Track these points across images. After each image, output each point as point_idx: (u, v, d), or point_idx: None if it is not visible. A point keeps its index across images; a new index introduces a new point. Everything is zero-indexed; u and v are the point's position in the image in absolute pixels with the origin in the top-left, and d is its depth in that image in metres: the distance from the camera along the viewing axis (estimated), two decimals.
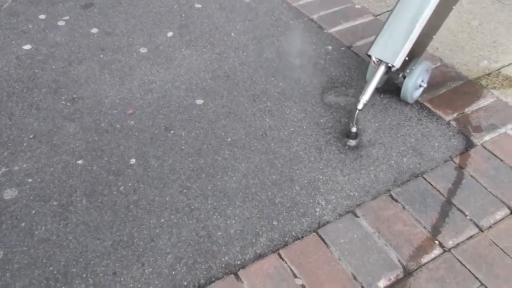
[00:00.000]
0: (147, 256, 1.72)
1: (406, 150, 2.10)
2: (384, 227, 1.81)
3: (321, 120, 2.23)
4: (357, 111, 2.08)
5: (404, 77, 2.20)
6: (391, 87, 2.39)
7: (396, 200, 1.90)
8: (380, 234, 1.79)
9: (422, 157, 2.07)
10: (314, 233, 1.79)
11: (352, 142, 2.12)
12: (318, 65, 2.52)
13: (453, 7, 2.22)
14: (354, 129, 2.11)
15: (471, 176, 1.99)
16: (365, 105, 2.08)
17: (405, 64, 2.10)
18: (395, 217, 1.84)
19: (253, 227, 1.81)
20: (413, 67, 2.19)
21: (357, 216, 1.85)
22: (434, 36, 2.26)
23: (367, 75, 2.30)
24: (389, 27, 2.08)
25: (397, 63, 2.04)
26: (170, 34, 2.74)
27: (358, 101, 2.08)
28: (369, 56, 2.11)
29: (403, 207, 1.88)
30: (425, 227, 1.81)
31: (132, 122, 2.21)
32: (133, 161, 2.04)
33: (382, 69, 2.08)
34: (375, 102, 2.31)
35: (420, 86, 2.26)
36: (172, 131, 2.17)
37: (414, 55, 2.13)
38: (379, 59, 2.08)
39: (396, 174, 2.01)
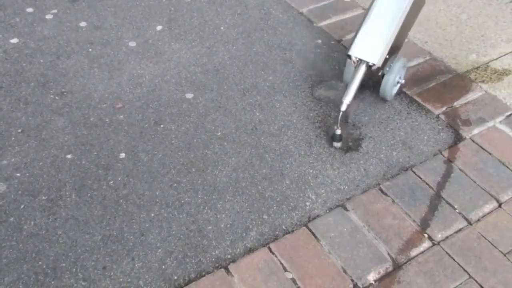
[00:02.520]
0: (137, 251, 1.71)
1: (395, 144, 2.11)
2: (374, 221, 1.82)
3: (311, 114, 2.23)
4: (341, 112, 2.05)
5: (383, 75, 2.20)
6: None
7: (385, 194, 1.91)
8: (369, 228, 1.80)
9: (411, 150, 2.08)
10: (304, 227, 1.80)
11: (337, 145, 2.09)
12: (308, 59, 2.52)
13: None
14: (338, 131, 2.06)
15: (460, 169, 2.00)
16: (348, 106, 2.06)
17: (385, 62, 2.09)
18: (385, 211, 1.85)
19: (243, 221, 1.81)
20: (391, 64, 2.19)
21: (347, 210, 1.86)
22: (408, 32, 2.27)
23: (344, 75, 2.28)
24: (368, 26, 2.06)
25: (379, 62, 2.03)
26: (159, 27, 2.73)
27: (341, 102, 2.05)
28: (349, 57, 2.09)
29: (393, 201, 1.89)
30: (414, 221, 1.82)
31: (122, 116, 2.19)
32: (122, 155, 2.03)
33: (363, 69, 2.06)
34: (365, 97, 2.32)
35: (398, 82, 2.26)
36: (162, 125, 2.16)
37: (392, 52, 2.13)
38: (360, 59, 2.06)
39: (386, 168, 2.01)
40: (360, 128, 2.17)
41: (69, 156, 2.01)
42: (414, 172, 1.99)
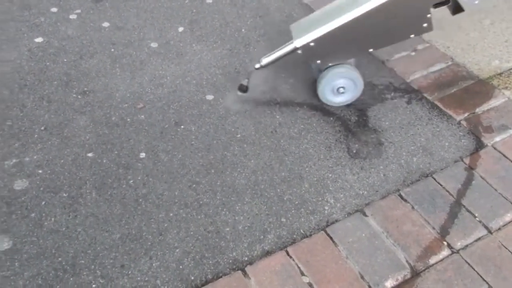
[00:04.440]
0: (155, 250, 1.72)
1: (416, 150, 2.09)
2: (393, 227, 1.80)
3: (331, 118, 2.23)
4: (254, 69, 2.20)
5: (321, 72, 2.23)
6: (401, 85, 2.39)
7: (405, 200, 1.90)
8: (388, 234, 1.78)
9: (432, 157, 2.06)
10: (322, 231, 1.79)
11: (240, 94, 2.29)
12: None
13: (412, 36, 2.07)
14: (245, 82, 2.26)
15: (481, 177, 1.98)
16: (261, 67, 2.18)
17: (314, 55, 2.11)
18: (404, 217, 1.84)
19: (262, 223, 1.81)
20: (331, 65, 2.18)
21: (365, 215, 1.85)
22: (371, 50, 2.15)
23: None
24: (316, 13, 2.17)
25: (298, 43, 2.07)
26: (181, 29, 2.74)
27: (258, 61, 2.18)
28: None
29: (412, 207, 1.87)
30: (433, 228, 1.81)
31: (143, 116, 2.21)
32: (143, 155, 2.04)
33: (290, 46, 2.10)
34: (386, 101, 2.31)
35: (340, 92, 2.22)
36: (182, 126, 2.17)
37: (335, 54, 2.12)
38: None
39: (406, 174, 2.00)
40: (380, 133, 2.16)
41: (90, 155, 2.04)
42: (435, 179, 1.97)
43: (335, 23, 2.01)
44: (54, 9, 2.84)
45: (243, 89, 2.28)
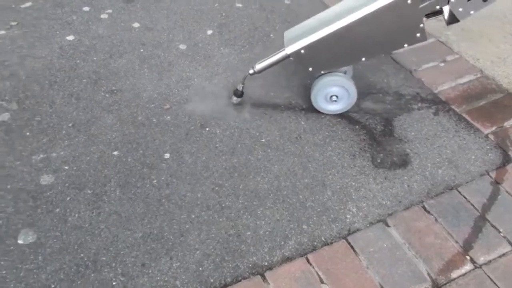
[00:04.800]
0: (175, 251, 1.73)
1: (441, 162, 2.07)
2: (415, 239, 1.79)
3: (356, 126, 2.22)
4: (247, 75, 2.21)
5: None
6: (429, 96, 2.37)
7: (428, 212, 1.88)
8: (410, 246, 1.77)
9: (457, 169, 2.04)
10: (344, 240, 1.78)
11: (235, 100, 2.28)
12: (356, 71, 2.50)
13: (406, 45, 2.03)
14: (239, 87, 2.25)
15: (507, 192, 1.95)
16: (255, 73, 2.20)
17: (305, 62, 2.11)
18: (427, 229, 1.82)
19: (283, 229, 1.81)
20: (323, 73, 2.17)
21: (388, 226, 1.83)
22: (364, 59, 2.08)
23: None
24: (309, 20, 2.19)
25: (288, 50, 2.09)
26: (209, 32, 2.76)
27: (252, 66, 2.21)
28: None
29: (436, 220, 1.85)
30: (457, 241, 1.78)
31: (169, 117, 2.23)
32: (167, 155, 2.06)
33: (282, 53, 2.12)
34: (412, 111, 2.29)
35: (333, 100, 2.21)
36: (207, 128, 2.18)
37: (326, 61, 2.11)
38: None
39: (430, 186, 1.98)
40: (405, 143, 2.14)
41: (115, 153, 2.06)
42: (459, 192, 1.95)
43: (325, 31, 2.01)
44: (86, 8, 2.89)
45: (238, 94, 2.28)
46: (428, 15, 1.98)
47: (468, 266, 1.71)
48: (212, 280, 1.66)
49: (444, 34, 2.78)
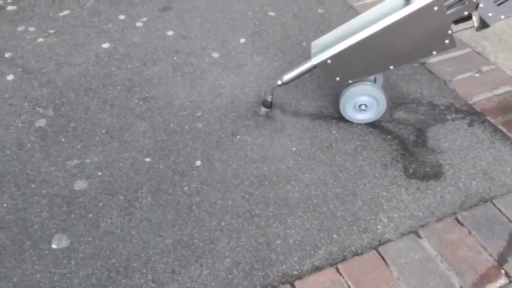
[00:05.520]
0: (205, 258, 1.74)
1: (475, 173, 2.03)
2: (448, 251, 1.76)
3: (389, 136, 2.20)
4: (276, 86, 2.23)
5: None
6: (463, 107, 2.33)
7: (462, 224, 1.85)
8: (443, 258, 1.74)
9: (492, 181, 2.00)
10: (374, 250, 1.76)
11: (263, 111, 2.31)
12: (389, 80, 2.49)
13: (434, 52, 1.99)
14: (268, 98, 2.28)
15: None
16: (283, 84, 2.22)
17: (332, 72, 2.09)
18: (460, 242, 1.79)
19: (313, 238, 1.80)
20: (351, 82, 2.15)
21: (420, 237, 1.81)
22: (391, 67, 2.06)
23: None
24: (336, 30, 2.18)
25: (315, 60, 2.08)
26: (242, 40, 2.78)
27: (280, 77, 2.22)
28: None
29: (469, 232, 1.82)
30: (491, 255, 1.75)
31: (200, 124, 2.25)
32: (198, 163, 2.07)
33: (309, 64, 2.12)
34: (446, 122, 2.26)
35: (362, 109, 2.20)
36: (238, 136, 2.19)
37: (353, 71, 2.09)
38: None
39: (464, 197, 1.94)
40: (439, 154, 2.11)
41: (147, 160, 2.08)
42: (494, 204, 1.91)
43: (351, 40, 1.99)
44: (122, 17, 2.94)
45: (267, 105, 2.30)
46: (456, 21, 1.95)
47: (502, 280, 1.67)
48: None
49: (481, 44, 2.74)
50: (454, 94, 2.42)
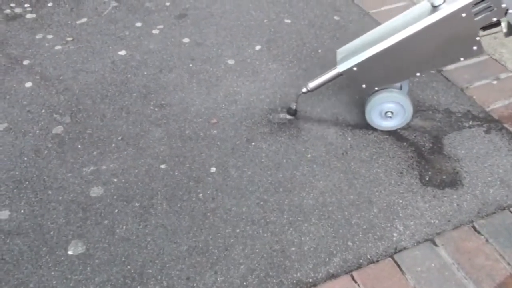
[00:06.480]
0: (220, 265, 1.74)
1: (493, 181, 2.01)
2: (465, 259, 1.74)
3: (404, 143, 2.18)
4: (301, 93, 2.23)
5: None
6: (480, 114, 2.31)
7: (479, 232, 1.83)
8: (459, 266, 1.72)
9: (510, 189, 1.98)
10: (390, 258, 1.75)
11: (288, 117, 2.32)
12: None
13: (462, 59, 1.98)
14: (293, 106, 2.29)
15: None
16: (308, 91, 2.22)
17: (358, 80, 2.09)
18: (477, 250, 1.77)
19: (328, 245, 1.80)
20: (377, 89, 2.14)
21: (436, 245, 1.79)
22: (418, 74, 2.06)
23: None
24: (361, 37, 2.17)
25: (341, 68, 2.09)
26: (258, 47, 2.79)
27: (304, 85, 2.22)
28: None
29: (486, 240, 1.80)
30: (509, 263, 1.72)
31: (215, 131, 2.25)
32: (213, 169, 2.08)
33: (335, 71, 2.12)
34: (463, 129, 2.24)
35: (388, 116, 2.18)
36: (253, 143, 2.19)
37: (379, 78, 2.09)
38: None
39: (481, 205, 1.92)
40: (455, 162, 2.10)
41: (163, 166, 2.09)
42: None
43: (377, 47, 1.99)
44: (138, 24, 2.97)
45: (292, 112, 2.31)
46: (485, 28, 1.94)
47: None
48: None
49: (498, 51, 2.71)
50: (471, 102, 2.40)
